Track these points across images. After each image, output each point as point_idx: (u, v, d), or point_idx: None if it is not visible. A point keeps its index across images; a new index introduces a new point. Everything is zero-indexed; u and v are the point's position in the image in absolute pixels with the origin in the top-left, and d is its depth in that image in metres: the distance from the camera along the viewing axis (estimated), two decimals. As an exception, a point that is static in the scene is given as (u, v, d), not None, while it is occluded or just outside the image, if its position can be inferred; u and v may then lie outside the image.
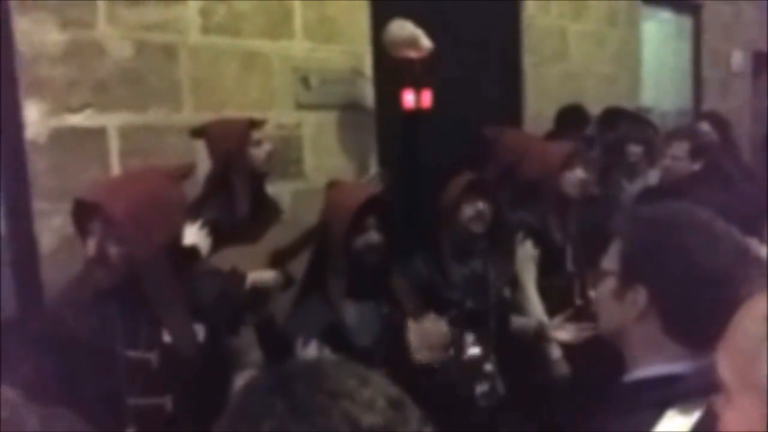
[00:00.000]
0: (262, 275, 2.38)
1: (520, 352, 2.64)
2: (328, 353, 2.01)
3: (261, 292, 2.37)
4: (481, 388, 2.48)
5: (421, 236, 2.68)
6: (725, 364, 0.81)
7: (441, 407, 1.62)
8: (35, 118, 2.49)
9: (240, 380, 1.88)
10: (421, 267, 2.51)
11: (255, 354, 2.06)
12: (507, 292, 2.67)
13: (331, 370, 0.68)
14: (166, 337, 1.70)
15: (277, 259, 2.47)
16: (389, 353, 2.03)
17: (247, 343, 2.07)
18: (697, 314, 0.82)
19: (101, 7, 2.60)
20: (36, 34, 2.47)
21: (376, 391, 0.65)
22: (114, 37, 2.65)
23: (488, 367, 2.51)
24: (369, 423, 0.62)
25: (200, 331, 1.77)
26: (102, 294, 1.70)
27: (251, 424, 0.63)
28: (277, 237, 2.57)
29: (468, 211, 2.50)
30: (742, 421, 0.77)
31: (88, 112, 2.60)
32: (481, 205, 2.50)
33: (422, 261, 2.52)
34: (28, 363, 1.60)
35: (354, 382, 0.65)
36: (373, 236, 2.15)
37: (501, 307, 2.58)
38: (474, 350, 2.48)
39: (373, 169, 3.35)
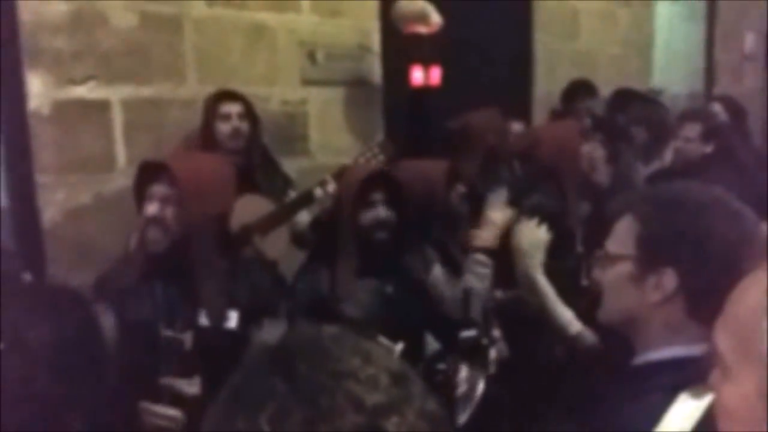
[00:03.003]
0: None
1: (528, 330, 2.63)
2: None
3: None
4: (491, 354, 2.48)
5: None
6: (723, 337, 0.81)
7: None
8: (38, 90, 2.46)
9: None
10: (428, 251, 2.49)
11: None
12: None
13: (332, 346, 0.65)
14: (201, 321, 1.74)
15: (246, 234, 2.41)
16: (388, 327, 2.03)
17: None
18: (726, 293, 0.80)
19: (105, -24, 2.57)
20: (39, 3, 2.44)
21: (379, 367, 0.63)
22: (118, 8, 2.61)
23: (496, 333, 2.52)
24: (373, 402, 0.61)
25: (233, 318, 1.79)
26: (147, 271, 1.77)
27: (251, 406, 0.61)
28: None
29: (454, 195, 2.54)
30: (739, 394, 0.77)
31: (92, 84, 2.58)
32: (461, 187, 2.56)
33: (427, 245, 2.51)
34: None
35: (357, 360, 0.63)
36: (381, 212, 2.13)
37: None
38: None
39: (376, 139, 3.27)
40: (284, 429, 0.59)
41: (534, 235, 2.70)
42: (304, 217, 2.63)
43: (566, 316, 2.66)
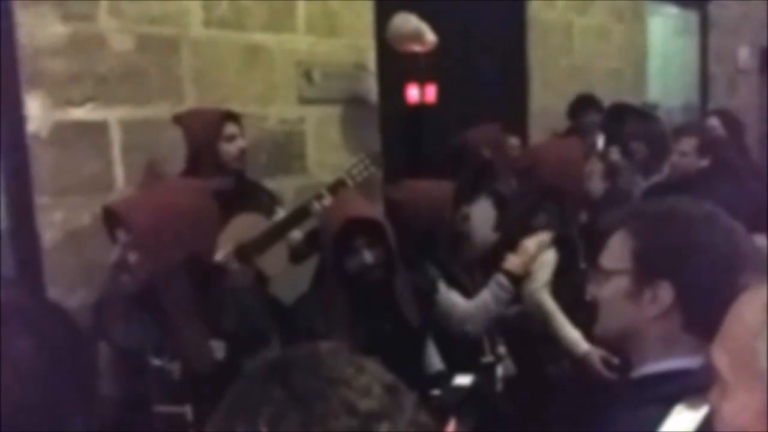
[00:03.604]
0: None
1: (531, 345, 2.63)
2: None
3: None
4: (498, 371, 2.47)
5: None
6: (722, 355, 0.81)
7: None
8: (37, 112, 2.48)
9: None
10: (431, 270, 2.44)
11: None
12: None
13: (328, 357, 0.68)
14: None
15: (244, 253, 2.39)
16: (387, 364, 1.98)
17: None
18: (721, 306, 0.81)
19: (103, -1, 2.59)
20: (38, 27, 2.46)
21: (372, 377, 0.66)
22: (115, 31, 2.63)
23: (501, 349, 2.51)
24: (366, 408, 0.63)
25: (220, 348, 1.79)
26: (131, 302, 1.77)
27: (249, 411, 0.63)
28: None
29: (458, 216, 2.52)
30: (739, 412, 0.78)
31: (90, 105, 2.59)
32: (466, 208, 2.55)
33: (430, 264, 2.46)
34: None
35: (351, 370, 0.66)
36: (366, 257, 2.02)
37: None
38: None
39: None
40: (281, 430, 0.61)
41: (541, 257, 2.69)
42: (296, 234, 2.63)
43: (573, 336, 2.65)
